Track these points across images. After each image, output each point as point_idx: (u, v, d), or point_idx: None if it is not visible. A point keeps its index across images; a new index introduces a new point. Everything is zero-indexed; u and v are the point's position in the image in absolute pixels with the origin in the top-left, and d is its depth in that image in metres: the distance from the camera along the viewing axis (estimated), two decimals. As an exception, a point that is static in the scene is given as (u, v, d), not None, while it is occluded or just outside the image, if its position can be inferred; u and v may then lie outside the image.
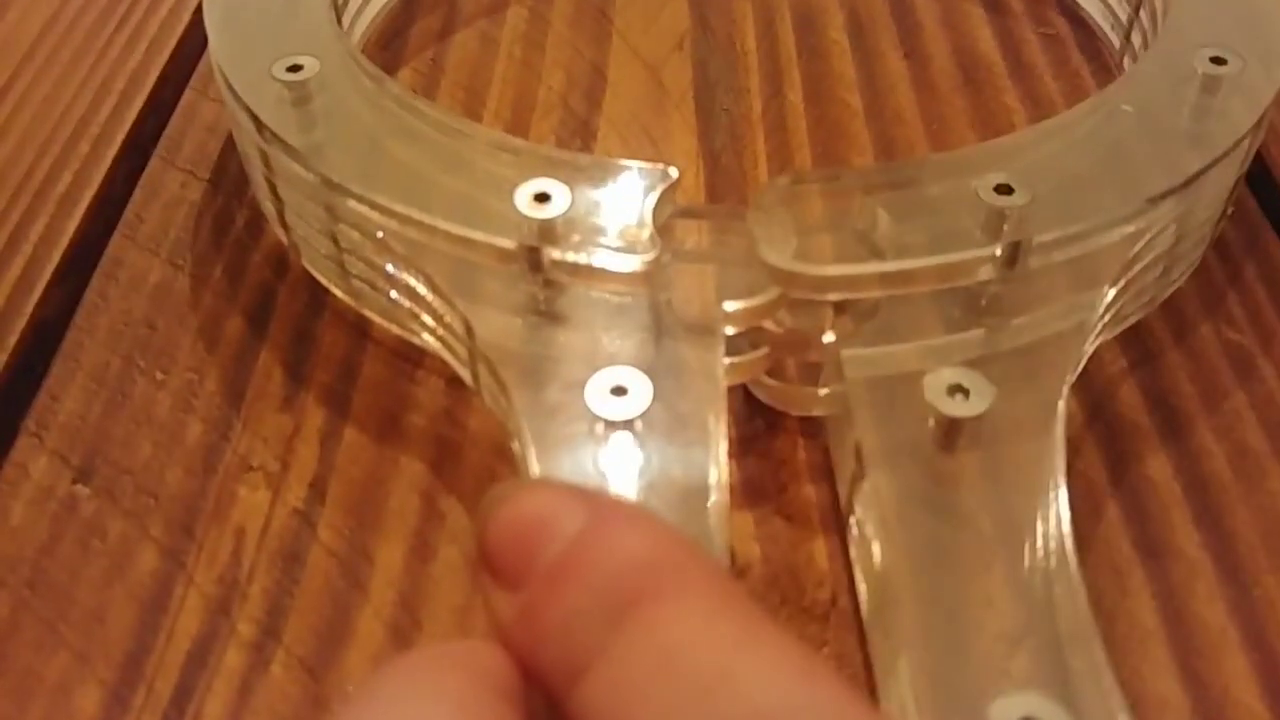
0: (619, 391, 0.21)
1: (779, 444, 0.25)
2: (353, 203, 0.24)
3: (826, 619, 0.22)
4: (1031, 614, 0.19)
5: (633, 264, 0.22)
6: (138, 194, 0.31)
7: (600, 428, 0.21)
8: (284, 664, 0.21)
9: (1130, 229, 0.24)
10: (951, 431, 0.21)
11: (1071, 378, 0.23)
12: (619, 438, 0.21)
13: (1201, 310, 0.27)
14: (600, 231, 0.23)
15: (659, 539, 0.15)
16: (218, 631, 0.21)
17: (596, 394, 0.21)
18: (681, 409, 0.22)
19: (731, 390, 0.23)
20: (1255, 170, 0.30)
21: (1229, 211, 0.28)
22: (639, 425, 0.21)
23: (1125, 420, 0.25)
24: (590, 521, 0.15)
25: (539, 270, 0.23)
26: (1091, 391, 0.25)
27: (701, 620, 0.14)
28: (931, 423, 0.21)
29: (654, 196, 0.23)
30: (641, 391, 0.21)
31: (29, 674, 0.21)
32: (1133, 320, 0.26)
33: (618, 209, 0.23)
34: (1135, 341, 0.26)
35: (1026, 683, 0.18)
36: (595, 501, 0.15)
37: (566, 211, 0.23)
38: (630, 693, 0.14)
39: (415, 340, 0.26)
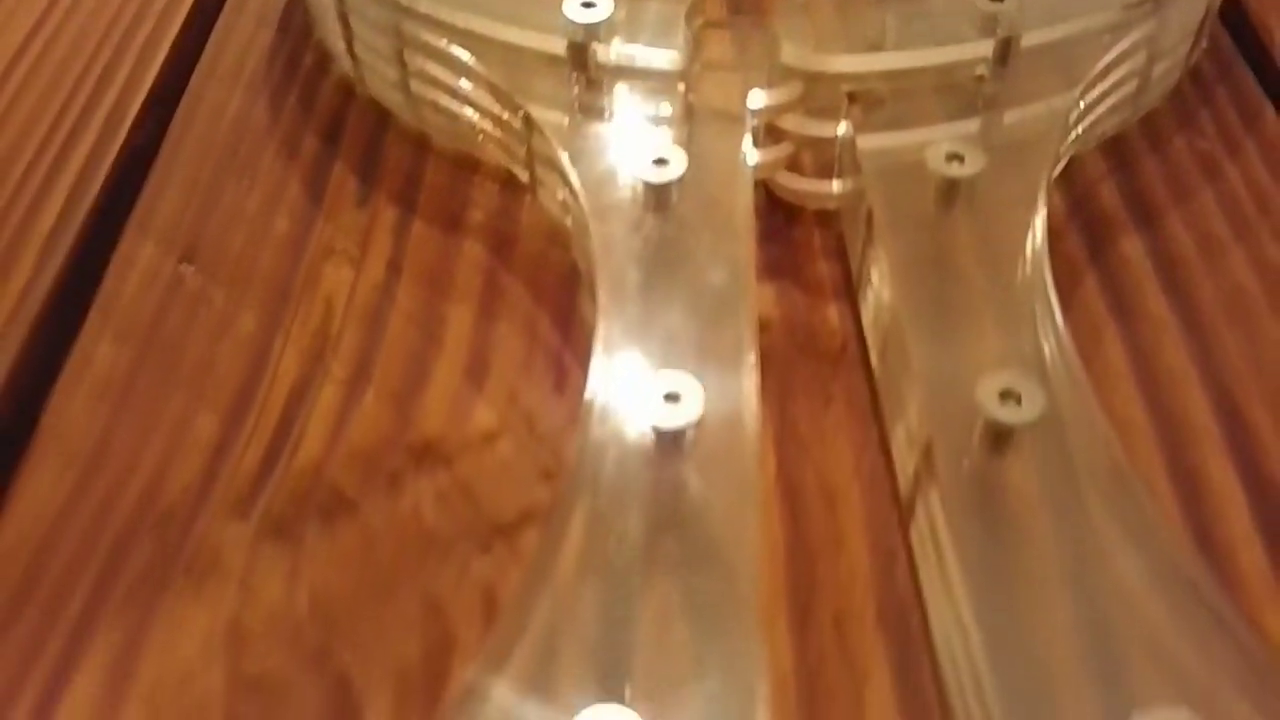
0: (660, 162, 0.24)
1: (797, 233, 0.28)
2: (418, 25, 0.27)
3: (838, 362, 0.25)
4: (1019, 345, 0.23)
5: (668, 62, 0.26)
6: (211, 42, 0.34)
7: (643, 190, 0.24)
8: (375, 397, 0.24)
9: (1108, 37, 0.27)
10: (950, 192, 0.24)
11: (1056, 169, 0.26)
12: (661, 198, 0.24)
13: (1175, 125, 0.30)
14: (639, 34, 0.26)
15: None
16: (314, 374, 0.25)
17: (640, 162, 0.24)
18: (712, 189, 0.25)
19: (754, 188, 0.26)
20: (1229, 9, 0.33)
21: (1203, 43, 0.31)
22: (675, 193, 0.24)
23: (1104, 212, 0.28)
24: None
25: (584, 69, 0.26)
26: (1074, 191, 0.29)
27: None
28: (932, 188, 0.24)
29: (686, 4, 0.26)
30: (679, 161, 0.24)
31: (151, 409, 0.24)
32: (1113, 133, 0.29)
33: (655, 15, 0.26)
34: (1114, 151, 0.29)
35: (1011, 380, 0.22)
36: None
37: (610, 17, 0.26)
38: None
39: (473, 150, 0.29)
